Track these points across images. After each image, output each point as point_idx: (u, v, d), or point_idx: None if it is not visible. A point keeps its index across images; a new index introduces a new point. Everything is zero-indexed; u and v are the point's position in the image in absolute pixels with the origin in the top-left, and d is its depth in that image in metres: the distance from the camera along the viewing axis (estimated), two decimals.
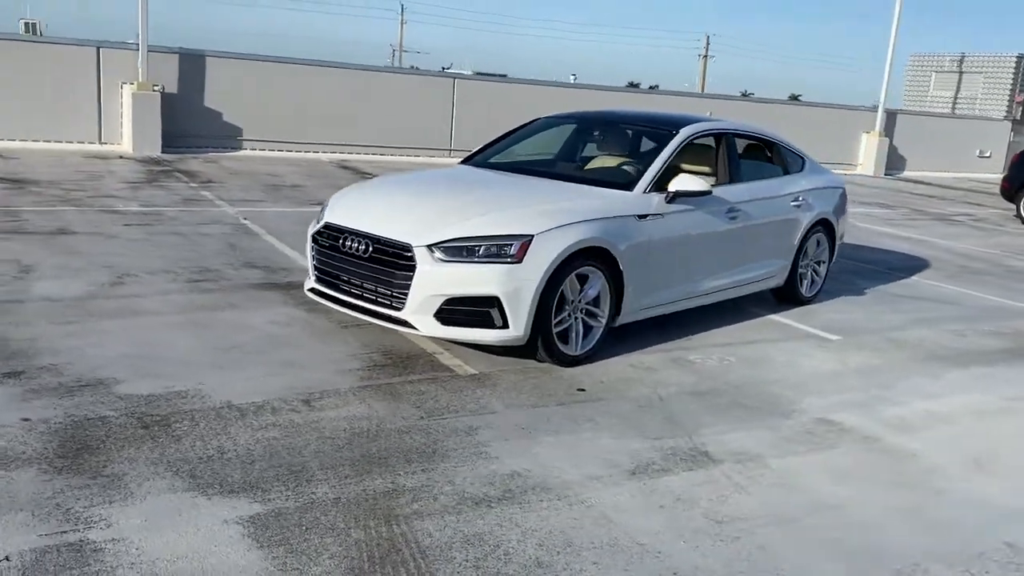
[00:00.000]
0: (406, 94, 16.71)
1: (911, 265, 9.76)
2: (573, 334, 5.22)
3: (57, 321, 5.34)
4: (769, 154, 7.15)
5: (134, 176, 11.75)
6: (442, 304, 4.85)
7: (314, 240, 5.47)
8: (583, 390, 4.89)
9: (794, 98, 34.39)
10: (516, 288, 4.83)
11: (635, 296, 5.53)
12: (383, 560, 3.03)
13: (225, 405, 4.25)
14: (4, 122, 13.60)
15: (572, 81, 36.74)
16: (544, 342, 5.05)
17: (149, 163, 13.19)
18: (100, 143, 14.44)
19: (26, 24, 25.00)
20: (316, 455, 3.79)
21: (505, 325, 4.88)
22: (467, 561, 3.07)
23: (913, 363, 5.94)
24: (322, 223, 5.44)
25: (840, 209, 7.58)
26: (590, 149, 6.80)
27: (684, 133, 6.16)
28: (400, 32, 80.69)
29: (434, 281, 4.84)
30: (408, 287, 4.87)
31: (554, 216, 5.06)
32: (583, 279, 5.20)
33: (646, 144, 6.32)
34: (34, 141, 13.82)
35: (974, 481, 4.11)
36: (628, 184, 5.69)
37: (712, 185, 6.33)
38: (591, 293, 5.25)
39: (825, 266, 7.48)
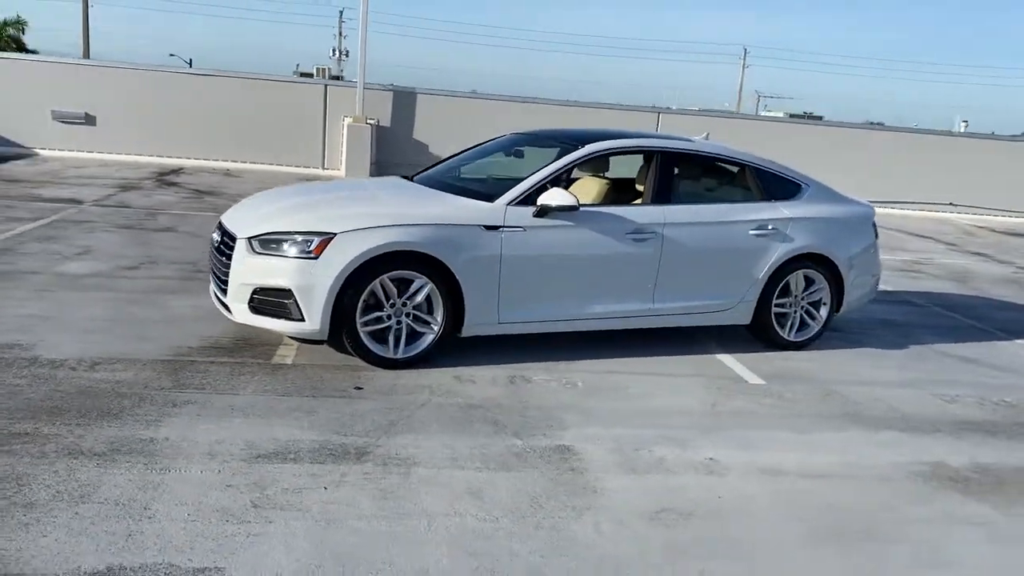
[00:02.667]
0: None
1: None
2: (391, 337, 5.26)
3: (31, 289, 6.47)
4: (741, 178, 6.48)
5: None
6: (252, 293, 5.18)
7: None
8: (360, 388, 4.93)
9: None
10: (310, 283, 5.03)
11: (484, 308, 5.41)
12: None
13: (29, 358, 4.96)
14: (249, 147, 16.07)
15: (962, 129, 33.67)
16: (351, 341, 5.17)
17: None
18: (323, 168, 16.44)
19: (318, 69, 29.12)
20: (22, 400, 4.33)
21: (302, 318, 5.09)
22: None
23: (802, 418, 5.09)
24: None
25: (854, 246, 6.59)
26: (512, 163, 6.68)
27: (586, 149, 5.89)
28: (741, 76, 79.41)
29: (246, 271, 5.20)
30: (229, 275, 5.28)
31: (368, 218, 5.18)
32: (407, 283, 5.23)
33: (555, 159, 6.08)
34: (268, 164, 16.13)
35: (614, 529, 3.58)
36: (492, 195, 5.59)
37: (637, 204, 5.99)
38: (418, 299, 5.26)
39: (826, 308, 6.54)
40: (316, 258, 5.04)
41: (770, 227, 6.21)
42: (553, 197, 5.47)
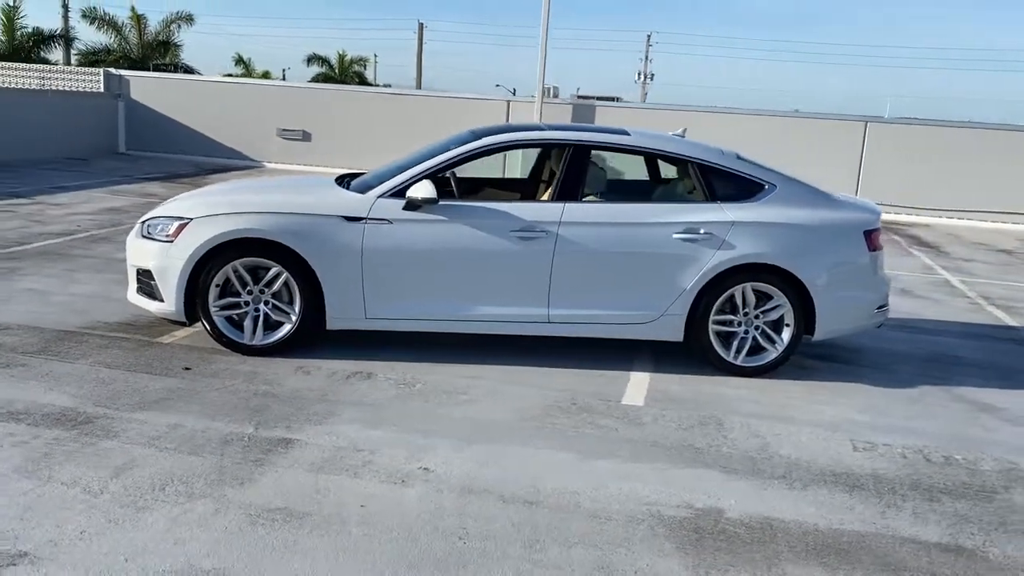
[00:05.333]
0: (811, 139, 15.45)
1: None
2: (249, 323, 5.35)
3: (64, 268, 7.42)
4: (681, 175, 5.73)
5: None
6: (135, 274, 5.56)
7: None
8: (188, 369, 5.09)
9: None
10: (165, 265, 5.29)
11: (347, 302, 5.33)
12: None
13: None
14: None
15: None
16: (208, 325, 5.35)
17: None
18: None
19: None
20: None
21: (162, 299, 5.36)
22: None
23: (615, 444, 4.39)
24: None
25: (831, 257, 5.54)
26: None
27: (481, 142, 5.58)
28: None
29: (132, 253, 5.59)
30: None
31: (226, 206, 5.33)
32: (264, 270, 5.30)
33: None
34: None
35: (197, 521, 3.38)
36: (366, 187, 5.49)
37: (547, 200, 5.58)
38: (274, 287, 5.31)
39: (790, 331, 5.56)
40: (172, 242, 5.28)
41: (702, 231, 5.42)
42: (418, 190, 5.25)
